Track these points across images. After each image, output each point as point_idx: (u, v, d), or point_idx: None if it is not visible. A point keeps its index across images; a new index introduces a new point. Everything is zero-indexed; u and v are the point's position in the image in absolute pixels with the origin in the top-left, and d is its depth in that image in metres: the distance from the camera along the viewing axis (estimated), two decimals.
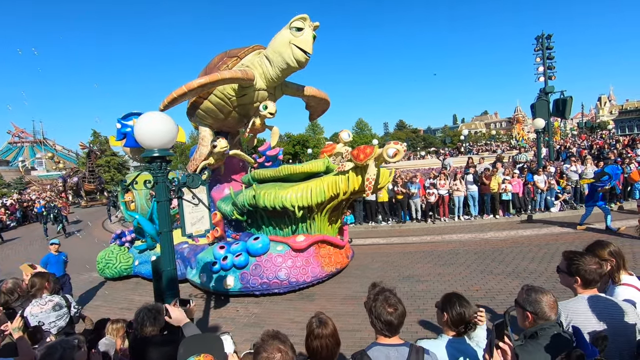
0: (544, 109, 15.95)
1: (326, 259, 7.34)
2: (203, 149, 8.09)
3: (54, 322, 3.62)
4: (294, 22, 6.47)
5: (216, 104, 7.46)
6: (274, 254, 6.94)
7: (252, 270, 6.81)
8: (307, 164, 7.60)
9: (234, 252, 6.97)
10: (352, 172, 6.66)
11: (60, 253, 7.19)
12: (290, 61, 6.70)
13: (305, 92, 8.27)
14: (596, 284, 2.26)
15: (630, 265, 6.75)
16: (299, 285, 6.88)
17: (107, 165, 41.34)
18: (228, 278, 6.88)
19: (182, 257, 8.09)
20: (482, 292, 6.26)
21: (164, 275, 3.68)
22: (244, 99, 7.38)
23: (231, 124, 8.28)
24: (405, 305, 2.08)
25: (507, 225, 11.23)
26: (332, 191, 6.80)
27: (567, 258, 2.37)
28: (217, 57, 7.65)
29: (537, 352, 1.79)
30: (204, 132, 8.16)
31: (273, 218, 7.39)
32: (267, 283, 6.72)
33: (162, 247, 3.65)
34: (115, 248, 9.11)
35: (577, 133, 49.86)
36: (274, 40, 6.84)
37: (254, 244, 6.93)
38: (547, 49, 16.74)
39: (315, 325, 2.04)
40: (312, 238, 7.14)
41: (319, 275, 7.10)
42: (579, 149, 23.57)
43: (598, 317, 2.09)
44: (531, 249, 8.49)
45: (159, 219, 3.61)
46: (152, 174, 3.56)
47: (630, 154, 15.85)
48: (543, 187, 11.88)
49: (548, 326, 1.89)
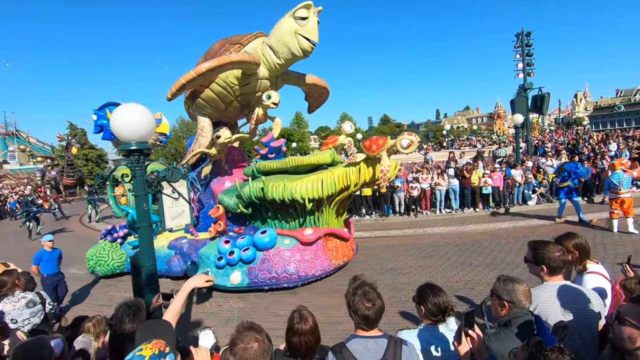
0: (522, 105, 16.37)
1: (333, 252, 7.23)
2: (203, 140, 7.83)
3: (28, 320, 3.51)
4: (299, 10, 6.27)
5: (218, 92, 7.21)
6: (281, 247, 6.78)
7: (260, 265, 6.63)
8: (314, 156, 7.38)
9: (241, 247, 6.76)
10: (363, 163, 6.49)
11: (55, 249, 6.84)
12: (297, 51, 6.55)
13: (307, 81, 8.09)
14: (561, 271, 2.36)
15: (600, 255, 7.09)
16: (308, 279, 6.75)
17: (84, 158, 40.09)
18: (234, 273, 6.70)
19: (181, 253, 7.86)
20: (461, 283, 6.43)
21: (144, 271, 3.61)
22: (246, 88, 7.18)
23: (231, 114, 8.04)
24: (387, 297, 2.13)
25: (486, 218, 11.53)
26: (342, 183, 6.65)
27: (532, 248, 2.47)
28: (218, 44, 7.35)
29: (510, 339, 1.86)
30: (203, 122, 7.88)
31: (279, 211, 7.19)
32: (276, 277, 6.56)
33: (140, 242, 3.58)
34: (106, 244, 8.76)
35: (555, 129, 51.45)
36: (277, 30, 6.61)
37: (261, 237, 6.75)
38: (527, 46, 17.13)
39: (295, 320, 2.04)
40: (320, 231, 7.02)
41: (327, 268, 6.97)
42: (555, 144, 24.35)
43: (564, 304, 2.18)
44: (509, 241, 8.75)
45: (137, 214, 3.53)
46: (129, 168, 3.46)
47: (603, 149, 16.48)
48: (520, 181, 12.24)
49: (521, 314, 1.96)
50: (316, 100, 9.03)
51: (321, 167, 7.44)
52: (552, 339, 1.48)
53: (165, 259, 7.99)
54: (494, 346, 1.84)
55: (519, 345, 1.62)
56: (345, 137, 8.21)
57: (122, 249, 8.86)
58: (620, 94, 69.85)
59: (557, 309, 2.20)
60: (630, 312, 1.55)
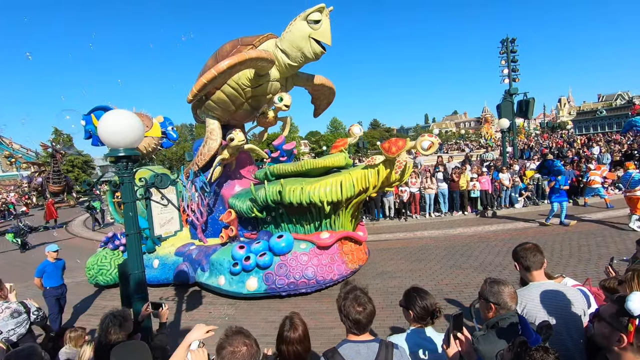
0: (508, 110, 16.70)
1: (349, 255, 7.13)
2: (212, 143, 7.67)
3: (13, 330, 3.43)
4: (312, 13, 6.23)
5: (229, 94, 7.11)
6: (298, 252, 6.63)
7: (277, 270, 6.46)
8: (329, 158, 7.21)
9: (256, 252, 6.59)
10: (382, 165, 6.41)
11: (58, 260, 6.44)
12: (309, 54, 6.53)
13: (316, 81, 8.03)
14: (537, 267, 2.44)
15: (585, 257, 7.26)
16: (326, 283, 6.65)
17: (70, 164, 39.33)
18: (251, 280, 6.53)
19: (190, 260, 7.65)
20: (450, 286, 6.49)
21: (132, 279, 3.57)
22: (258, 90, 7.11)
23: (241, 116, 7.92)
24: (378, 301, 2.15)
25: (474, 221, 11.68)
26: (361, 185, 6.53)
27: (513, 253, 2.60)
28: (229, 45, 7.19)
29: (497, 340, 1.90)
30: (212, 125, 7.71)
31: (294, 215, 7.05)
32: (295, 283, 6.42)
33: (129, 249, 3.53)
34: (107, 253, 8.45)
35: (540, 132, 52.58)
36: (289, 33, 6.56)
37: (277, 242, 6.56)
38: (512, 52, 17.53)
39: (286, 328, 2.04)
40: (337, 234, 6.90)
41: (344, 272, 6.86)
42: (540, 148, 24.88)
43: (551, 304, 2.24)
44: (497, 243, 8.88)
45: (125, 221, 3.49)
46: (117, 174, 3.43)
47: (586, 152, 16.92)
48: (508, 184, 12.45)
49: (508, 316, 2.01)
50: (323, 102, 8.93)
51: (333, 169, 7.32)
52: (537, 339, 1.52)
53: (172, 266, 7.78)
54: (482, 348, 1.88)
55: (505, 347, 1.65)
56: (354, 139, 8.12)
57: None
58: (602, 99, 71.90)
59: (545, 308, 2.25)
60: (608, 312, 1.61)
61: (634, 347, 1.51)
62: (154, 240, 7.95)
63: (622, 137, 24.57)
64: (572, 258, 7.29)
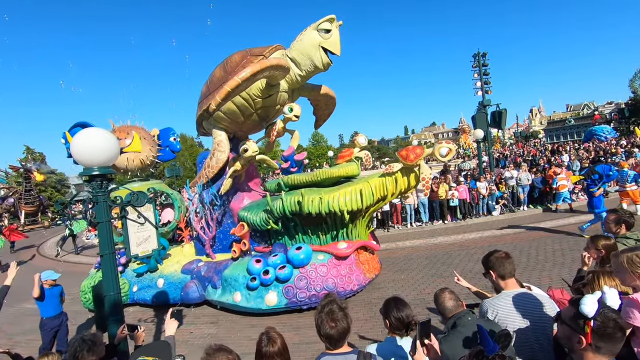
0: (483, 121, 17.31)
1: (366, 265, 7.05)
2: (221, 155, 7.53)
3: None
4: (322, 23, 6.32)
5: (240, 105, 7.02)
6: (317, 263, 6.50)
7: (297, 283, 6.29)
8: (342, 168, 7.18)
9: (275, 265, 6.41)
10: (399, 172, 6.49)
11: (54, 286, 5.74)
12: (319, 64, 6.58)
13: (322, 92, 8.06)
14: (510, 275, 2.51)
15: (559, 260, 7.51)
16: (347, 294, 6.54)
17: (43, 184, 37.85)
18: (270, 294, 6.31)
19: (199, 277, 7.38)
20: (432, 295, 6.51)
21: (107, 301, 3.47)
22: (267, 100, 7.09)
23: (248, 127, 7.83)
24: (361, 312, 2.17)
25: (454, 229, 11.92)
26: (380, 193, 6.54)
27: (482, 262, 2.69)
28: (238, 56, 7.10)
29: (457, 340, 2.01)
30: (220, 136, 7.60)
31: (309, 226, 6.92)
32: (316, 295, 6.22)
33: (104, 271, 3.44)
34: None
35: (514, 142, 54.56)
36: (300, 43, 6.63)
37: (297, 254, 6.42)
38: (483, 65, 18.28)
39: (263, 343, 2.03)
40: (354, 244, 6.83)
41: (363, 282, 6.78)
42: (515, 157, 25.79)
43: (522, 311, 2.31)
44: (476, 250, 9.08)
45: (100, 241, 3.40)
46: (92, 194, 3.37)
47: (557, 160, 17.66)
48: (485, 192, 12.82)
49: (462, 314, 2.11)
50: (325, 112, 8.97)
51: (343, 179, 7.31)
52: (494, 347, 1.57)
53: (179, 285, 7.48)
54: (444, 348, 1.95)
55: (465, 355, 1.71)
56: (360, 150, 8.18)
57: (124, 277, 8.14)
58: (570, 109, 75.49)
59: (515, 316, 2.32)
60: (568, 314, 1.69)
61: (593, 347, 1.58)
62: (157, 259, 7.74)
63: (589, 144, 25.77)
64: (548, 262, 7.53)
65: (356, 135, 8.38)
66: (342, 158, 7.93)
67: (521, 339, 2.19)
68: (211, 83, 7.37)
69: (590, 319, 1.55)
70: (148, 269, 7.87)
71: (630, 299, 2.13)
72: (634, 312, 2.08)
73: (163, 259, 8.03)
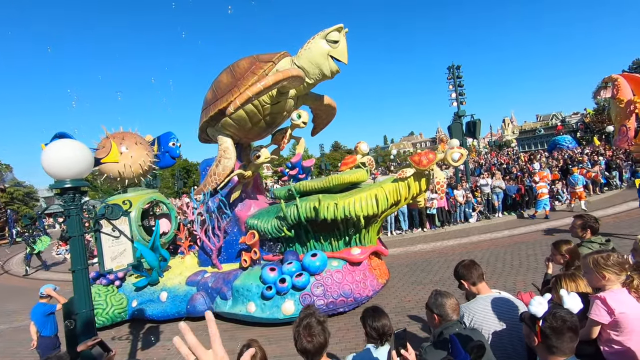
0: (458, 130, 17.86)
1: (377, 270, 7.07)
2: (228, 162, 7.38)
3: None
4: (331, 33, 6.43)
5: (249, 111, 6.95)
6: (332, 270, 6.46)
7: (314, 291, 6.23)
8: (353, 174, 7.22)
9: (291, 273, 6.30)
10: (412, 178, 6.56)
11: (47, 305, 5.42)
12: (327, 72, 6.67)
13: (325, 102, 8.12)
14: (481, 279, 2.61)
15: (533, 265, 7.74)
16: (362, 300, 6.49)
17: (9, 197, 36.05)
18: (286, 303, 6.18)
19: (205, 289, 7.13)
20: (412, 302, 6.64)
21: (79, 319, 3.32)
22: (275, 107, 7.07)
23: (254, 134, 7.76)
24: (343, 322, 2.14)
25: (433, 237, 12.14)
26: (393, 198, 6.59)
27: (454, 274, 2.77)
28: (246, 62, 7.05)
29: (443, 350, 2.00)
30: (226, 142, 7.46)
31: (320, 232, 6.90)
32: (334, 302, 6.20)
33: (76, 286, 3.30)
34: (100, 289, 7.55)
35: (489, 151, 56.45)
36: (308, 51, 6.66)
37: (312, 261, 6.35)
38: (457, 77, 18.94)
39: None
40: (367, 250, 6.86)
41: (377, 287, 6.78)
42: (489, 165, 26.64)
43: (497, 314, 2.39)
44: (454, 257, 9.27)
45: (72, 256, 3.28)
46: (63, 207, 3.25)
47: (529, 168, 18.36)
48: (462, 200, 13.17)
49: (451, 325, 2.13)
50: (324, 121, 9.01)
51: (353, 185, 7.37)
52: (465, 357, 1.63)
53: (185, 297, 7.21)
54: (429, 357, 1.97)
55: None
56: (362, 156, 8.29)
57: (121, 292, 7.77)
58: (540, 119, 79.01)
59: (491, 319, 2.40)
60: (526, 314, 1.80)
61: (545, 346, 1.68)
62: (158, 272, 7.45)
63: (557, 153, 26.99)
64: (522, 267, 7.78)
65: (358, 143, 8.46)
66: (346, 165, 8.07)
67: (496, 341, 2.26)
68: (218, 89, 7.28)
69: (539, 319, 1.64)
70: (149, 282, 7.56)
71: (596, 297, 2.26)
72: (599, 310, 2.20)
73: (163, 271, 7.74)
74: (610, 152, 19.95)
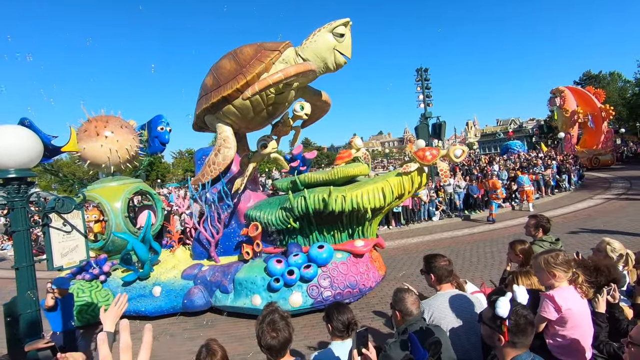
0: (425, 132, 18.47)
1: (377, 262, 7.18)
2: (228, 151, 7.09)
3: None
4: (338, 27, 6.34)
5: (253, 100, 6.68)
6: (337, 261, 6.49)
7: (321, 282, 6.23)
8: (356, 167, 7.45)
9: (298, 265, 6.25)
10: (416, 172, 6.78)
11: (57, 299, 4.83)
12: (332, 66, 6.61)
13: (322, 98, 8.06)
14: (447, 280, 2.68)
15: (489, 262, 8.15)
16: (366, 291, 6.62)
17: None
18: (294, 295, 6.12)
19: (203, 282, 6.84)
20: (377, 298, 6.79)
21: (23, 319, 3.08)
22: (279, 97, 6.86)
23: (255, 123, 7.48)
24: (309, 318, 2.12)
25: (398, 234, 12.47)
26: (398, 191, 6.76)
27: (425, 260, 2.81)
28: (251, 49, 6.79)
29: (407, 346, 2.05)
30: (226, 131, 7.16)
31: (323, 225, 6.95)
32: (341, 293, 6.22)
33: (19, 286, 3.06)
34: (84, 285, 7.05)
35: None
36: (314, 43, 6.53)
37: (320, 252, 6.35)
38: (425, 80, 19.55)
39: (202, 356, 1.95)
40: (370, 242, 7.00)
41: (378, 279, 6.89)
42: (453, 165, 27.71)
43: (455, 311, 2.48)
44: (418, 254, 9.58)
45: (16, 252, 3.03)
46: (6, 199, 2.99)
47: (488, 170, 19.32)
48: (426, 199, 13.61)
49: (414, 321, 2.18)
50: (316, 115, 8.83)
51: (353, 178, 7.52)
52: (424, 355, 1.67)
53: (181, 292, 6.87)
54: (393, 354, 2.00)
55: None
56: (357, 150, 8.40)
57: (106, 287, 7.25)
58: (500, 123, 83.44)
59: (449, 315, 2.48)
60: (487, 315, 1.86)
61: (511, 343, 1.76)
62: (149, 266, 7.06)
63: (513, 156, 28.63)
64: (480, 264, 8.18)
65: (353, 137, 8.65)
66: (341, 159, 8.22)
67: (453, 337, 2.34)
68: (220, 75, 6.95)
69: (506, 319, 1.72)
70: (138, 277, 7.11)
71: (545, 295, 2.40)
72: (548, 307, 2.34)
73: (153, 265, 7.32)
74: (560, 157, 21.42)
